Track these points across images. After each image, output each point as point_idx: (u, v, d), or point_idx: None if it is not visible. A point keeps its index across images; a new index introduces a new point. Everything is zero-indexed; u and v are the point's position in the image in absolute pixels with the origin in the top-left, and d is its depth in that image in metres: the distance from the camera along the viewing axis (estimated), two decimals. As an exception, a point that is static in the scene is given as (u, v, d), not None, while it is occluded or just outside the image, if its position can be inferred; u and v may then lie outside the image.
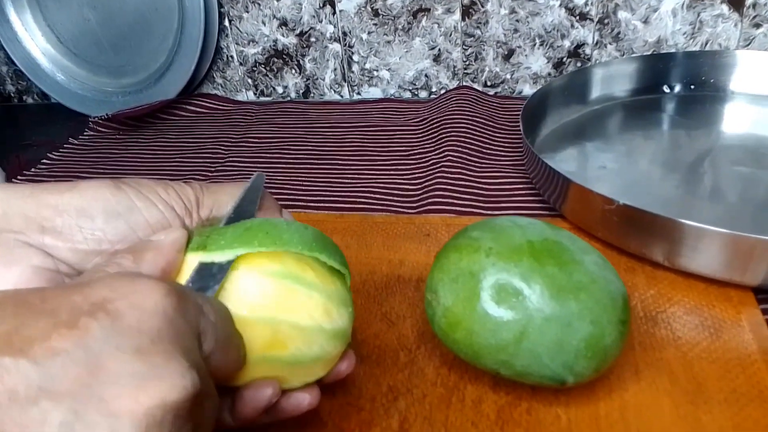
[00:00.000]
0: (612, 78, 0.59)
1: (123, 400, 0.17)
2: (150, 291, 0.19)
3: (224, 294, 0.24)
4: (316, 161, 0.58)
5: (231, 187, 0.29)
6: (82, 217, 0.25)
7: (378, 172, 0.55)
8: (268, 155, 0.60)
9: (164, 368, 0.18)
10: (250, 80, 0.74)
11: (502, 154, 0.55)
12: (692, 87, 0.60)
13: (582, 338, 0.27)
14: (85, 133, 0.70)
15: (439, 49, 0.67)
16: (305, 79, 0.73)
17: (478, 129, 0.59)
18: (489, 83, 0.68)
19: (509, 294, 0.28)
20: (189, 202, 0.27)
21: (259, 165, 0.59)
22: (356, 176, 0.54)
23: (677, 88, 0.60)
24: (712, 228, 0.34)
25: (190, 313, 0.20)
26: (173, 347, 0.19)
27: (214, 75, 0.75)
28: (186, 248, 0.25)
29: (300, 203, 0.51)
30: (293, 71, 0.72)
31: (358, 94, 0.72)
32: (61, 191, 0.25)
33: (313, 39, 0.70)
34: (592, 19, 0.63)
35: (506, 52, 0.66)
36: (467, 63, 0.68)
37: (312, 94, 0.73)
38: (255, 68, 0.73)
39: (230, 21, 0.70)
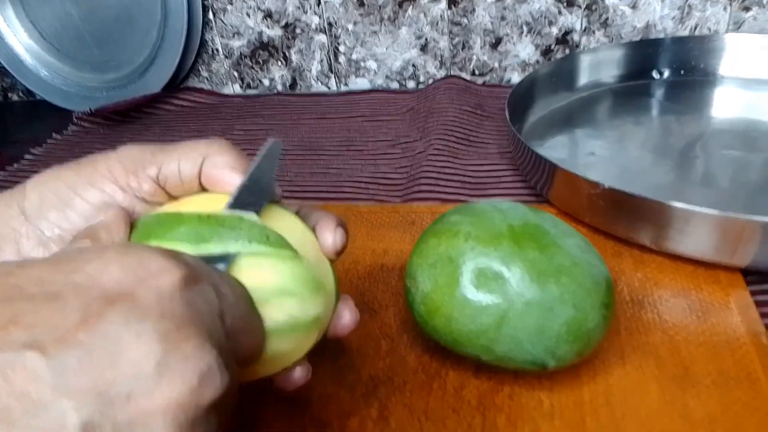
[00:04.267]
0: (600, 64, 0.59)
1: (154, 396, 0.15)
2: (166, 270, 0.17)
3: None
4: (302, 152, 0.57)
5: (187, 144, 0.26)
6: (38, 218, 0.24)
7: (364, 162, 0.54)
8: (254, 148, 0.59)
9: (195, 358, 0.16)
10: (236, 73, 0.73)
11: (490, 142, 0.55)
12: (682, 72, 0.59)
13: (564, 322, 0.26)
14: (69, 129, 0.69)
15: (426, 39, 0.66)
16: (292, 71, 0.72)
17: (466, 118, 0.58)
18: (477, 72, 0.68)
19: (488, 278, 0.27)
20: (132, 163, 0.25)
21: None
22: (342, 167, 0.54)
23: (666, 74, 0.60)
24: (700, 209, 0.33)
25: (209, 292, 0.18)
26: (199, 332, 0.17)
27: (200, 68, 0.74)
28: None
29: (285, 194, 0.50)
30: (279, 63, 0.71)
31: (346, 85, 0.71)
32: (9, 203, 0.24)
33: (298, 30, 0.69)
34: (579, 6, 0.62)
35: (494, 41, 0.65)
36: (455, 52, 0.67)
37: (299, 86, 0.73)
38: (241, 61, 0.72)
39: (214, 13, 0.69)
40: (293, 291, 0.23)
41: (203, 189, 0.26)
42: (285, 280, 0.23)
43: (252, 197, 0.25)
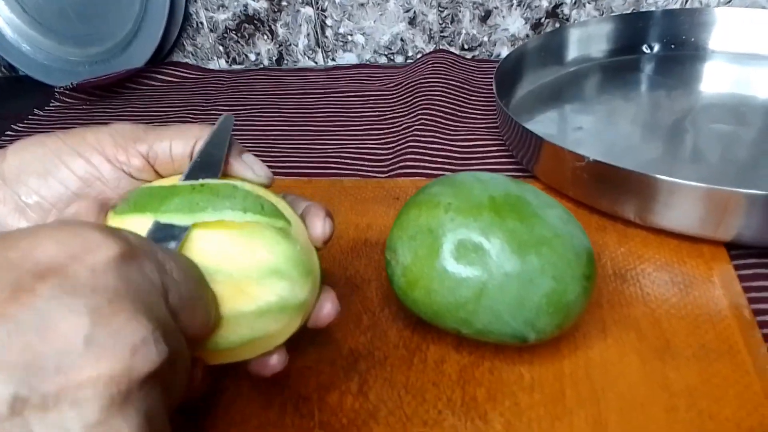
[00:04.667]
0: (590, 38, 0.58)
1: (83, 369, 0.15)
2: (101, 246, 0.17)
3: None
4: (287, 128, 0.56)
5: (180, 126, 0.26)
6: (17, 182, 0.24)
7: (349, 138, 0.53)
8: (238, 123, 0.58)
9: (127, 332, 0.16)
10: (221, 47, 0.72)
11: (478, 117, 0.54)
12: (672, 46, 0.58)
13: (544, 294, 0.26)
14: (51, 104, 0.68)
15: (415, 12, 0.65)
16: (278, 46, 0.70)
17: (454, 92, 0.57)
18: (466, 46, 0.66)
19: (468, 250, 0.27)
20: (123, 138, 0.25)
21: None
22: (327, 142, 0.53)
23: (656, 48, 0.59)
24: (685, 182, 0.33)
25: (151, 269, 0.18)
26: (134, 307, 0.17)
27: (184, 43, 0.72)
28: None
29: (270, 169, 0.50)
30: (265, 37, 0.70)
31: (333, 60, 0.70)
32: None
33: (284, 3, 0.67)
34: (570, -22, 0.61)
35: (483, 14, 0.64)
36: (443, 26, 0.66)
37: (285, 61, 0.71)
38: (226, 35, 0.71)
39: (198, -15, 0.68)
40: (285, 273, 0.23)
41: None
42: (278, 261, 0.23)
43: (202, 173, 0.25)
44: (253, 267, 0.23)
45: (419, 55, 0.67)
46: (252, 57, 0.72)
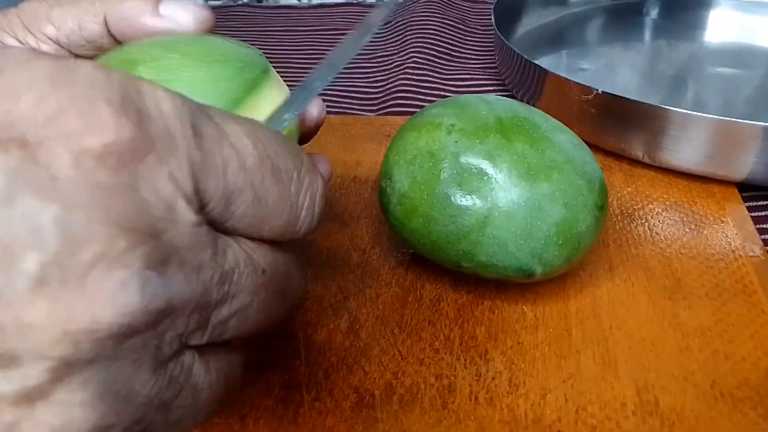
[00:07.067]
0: (593, -22, 0.55)
1: (35, 307, 0.11)
2: (106, 125, 0.12)
3: None
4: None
5: None
6: None
7: (337, 77, 0.50)
8: (216, 60, 0.54)
9: (106, 268, 0.11)
10: (198, -17, 0.67)
11: (473, 57, 0.51)
12: (677, -10, 0.56)
13: (553, 223, 0.24)
14: None
15: (407, -53, 0.61)
16: (260, -18, 0.66)
17: (448, 32, 0.54)
18: (460, -13, 0.63)
19: (472, 174, 0.24)
20: (29, 19, 0.21)
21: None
22: (313, 80, 0.49)
23: (661, -8, 0.56)
24: (699, 114, 0.31)
25: (178, 164, 0.13)
26: (127, 232, 0.12)
27: (159, -23, 0.67)
28: None
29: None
30: (246, -28, 0.65)
31: (318, -2, 0.66)
32: None
33: (267, -66, 0.62)
34: None
35: (479, -49, 0.60)
36: (437, -36, 0.62)
37: (267, -1, 0.67)
38: (203, -31, 0.66)
39: None
40: None
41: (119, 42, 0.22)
42: None
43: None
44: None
45: (410, -5, 0.63)
46: (232, -7, 0.67)
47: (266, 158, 0.14)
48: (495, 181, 0.24)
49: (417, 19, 0.56)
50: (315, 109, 0.24)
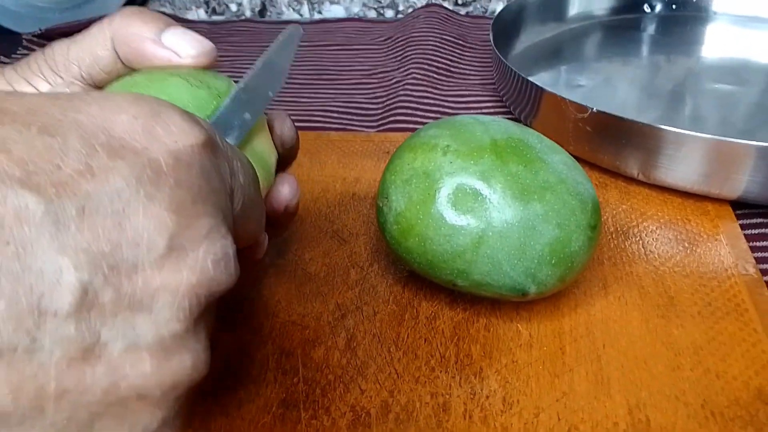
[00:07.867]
0: (591, -6, 0.55)
1: (163, 273, 0.13)
2: (186, 132, 0.14)
3: None
4: (270, 81, 0.53)
5: (98, 25, 0.22)
6: None
7: (336, 91, 0.50)
8: (218, 75, 0.55)
9: (210, 240, 0.14)
10: (202, -2, 0.68)
11: (472, 73, 0.52)
12: (674, 7, 0.56)
13: (546, 243, 0.24)
14: (17, 52, 0.63)
15: (407, -36, 0.62)
16: (262, -3, 0.67)
17: (447, 48, 0.55)
18: (460, 2, 0.64)
19: (467, 195, 0.25)
20: (56, 62, 0.22)
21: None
22: (313, 96, 0.50)
23: (658, 8, 0.57)
24: (693, 133, 0.31)
25: (225, 169, 0.16)
26: (215, 212, 0.14)
27: (162, -9, 0.68)
28: None
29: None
30: (249, -13, 0.66)
31: (319, 12, 0.66)
32: None
33: (269, -50, 0.63)
34: (571, -69, 0.58)
35: (479, -32, 0.61)
36: (437, -20, 0.62)
37: (269, 13, 0.68)
38: (207, -16, 0.67)
39: (177, -71, 0.64)
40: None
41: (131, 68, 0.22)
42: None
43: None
44: None
45: (410, 10, 0.64)
46: (233, 7, 0.68)
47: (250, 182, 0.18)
48: (489, 202, 0.24)
49: (417, 34, 0.56)
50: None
